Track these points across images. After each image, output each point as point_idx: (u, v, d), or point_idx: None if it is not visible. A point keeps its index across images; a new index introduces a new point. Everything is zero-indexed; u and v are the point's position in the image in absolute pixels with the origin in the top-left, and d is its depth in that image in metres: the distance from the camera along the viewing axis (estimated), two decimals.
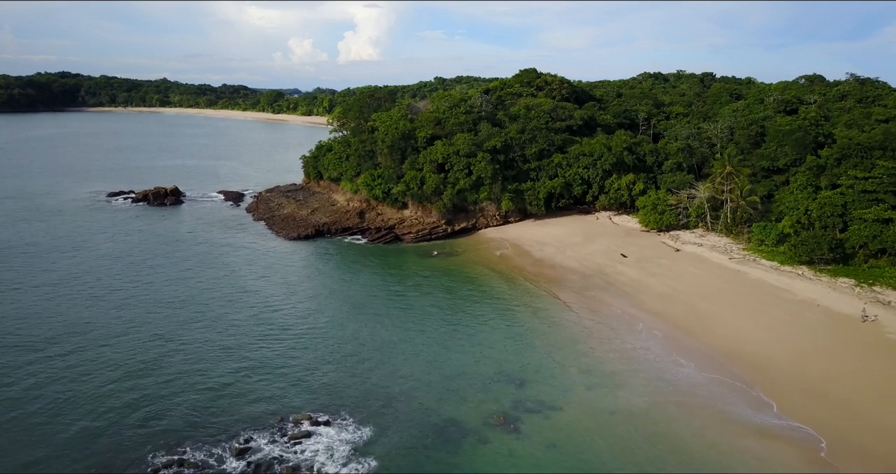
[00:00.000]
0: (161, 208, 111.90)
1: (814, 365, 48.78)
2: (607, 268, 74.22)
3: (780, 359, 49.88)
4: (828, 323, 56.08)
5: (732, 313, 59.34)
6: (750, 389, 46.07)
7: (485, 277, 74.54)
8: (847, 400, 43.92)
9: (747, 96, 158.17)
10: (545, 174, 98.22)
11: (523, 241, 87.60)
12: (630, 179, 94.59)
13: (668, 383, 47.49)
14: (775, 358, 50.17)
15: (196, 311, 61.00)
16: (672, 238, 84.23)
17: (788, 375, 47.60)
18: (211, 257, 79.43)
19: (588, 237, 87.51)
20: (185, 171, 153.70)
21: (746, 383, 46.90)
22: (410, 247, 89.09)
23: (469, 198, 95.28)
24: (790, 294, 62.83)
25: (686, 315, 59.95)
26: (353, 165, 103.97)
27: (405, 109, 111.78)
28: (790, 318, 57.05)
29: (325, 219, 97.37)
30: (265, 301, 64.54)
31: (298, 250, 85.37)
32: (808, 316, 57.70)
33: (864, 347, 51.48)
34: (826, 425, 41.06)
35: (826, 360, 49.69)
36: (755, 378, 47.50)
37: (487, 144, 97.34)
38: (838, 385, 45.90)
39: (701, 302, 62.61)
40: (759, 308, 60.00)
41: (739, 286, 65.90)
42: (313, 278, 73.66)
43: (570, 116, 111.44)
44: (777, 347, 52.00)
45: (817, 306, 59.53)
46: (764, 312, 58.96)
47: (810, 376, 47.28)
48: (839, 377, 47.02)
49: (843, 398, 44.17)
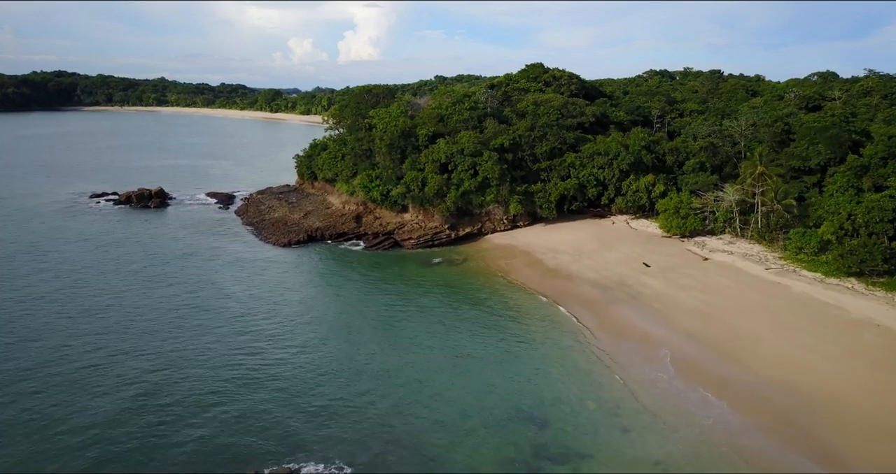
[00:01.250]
0: (144, 211, 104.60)
1: (892, 405, 41.22)
2: (629, 280, 66.82)
3: (845, 396, 42.33)
4: (894, 346, 48.63)
5: (778, 334, 51.90)
6: (812, 439, 38.64)
7: (492, 290, 67.18)
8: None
9: (763, 93, 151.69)
10: (557, 175, 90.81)
11: (534, 248, 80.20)
12: (649, 180, 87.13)
13: (713, 426, 40.07)
14: (839, 394, 42.63)
15: (168, 337, 53.61)
16: (698, 245, 76.82)
17: (862, 420, 39.93)
18: (191, 269, 71.94)
19: (605, 243, 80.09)
20: (174, 171, 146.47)
21: (808, 430, 39.46)
22: (411, 253, 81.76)
23: (474, 201, 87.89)
24: (842, 311, 55.37)
25: (724, 335, 52.50)
26: (349, 165, 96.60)
27: (405, 106, 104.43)
28: (848, 341, 49.55)
29: (318, 224, 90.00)
30: (247, 321, 57.14)
31: (288, 259, 77.96)
32: (869, 338, 50.22)
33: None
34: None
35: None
36: (818, 421, 40.04)
37: (494, 143, 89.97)
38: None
39: (740, 319, 55.19)
40: (809, 328, 52.56)
41: (782, 301, 58.46)
42: (303, 292, 66.22)
43: (582, 113, 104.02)
44: (838, 378, 44.55)
45: (877, 326, 52.06)
46: (815, 333, 51.53)
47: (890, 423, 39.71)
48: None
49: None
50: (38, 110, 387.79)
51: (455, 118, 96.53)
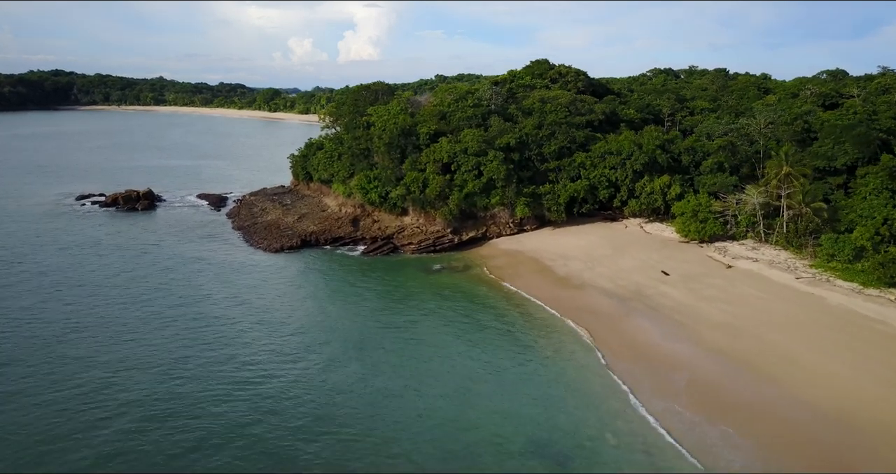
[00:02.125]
0: (131, 214, 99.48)
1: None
2: (648, 289, 61.71)
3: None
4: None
5: (817, 352, 46.81)
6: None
7: (498, 301, 62.08)
8: None
9: (775, 90, 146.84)
10: (566, 175, 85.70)
11: (543, 254, 75.09)
12: (665, 181, 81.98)
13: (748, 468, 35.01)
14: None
15: (144, 355, 48.53)
16: (719, 251, 71.68)
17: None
18: (173, 279, 66.67)
19: (618, 249, 74.98)
20: (167, 172, 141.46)
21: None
22: (411, 259, 76.67)
23: (479, 204, 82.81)
24: (888, 326, 50.25)
25: (756, 353, 47.36)
26: (346, 166, 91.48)
27: (405, 103, 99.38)
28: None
29: (312, 228, 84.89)
30: (230, 339, 52.03)
31: (279, 266, 72.81)
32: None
33: None
34: None
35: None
36: (869, 459, 34.95)
37: (499, 141, 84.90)
38: None
39: (772, 334, 50.06)
40: (852, 345, 47.46)
41: (818, 314, 53.36)
42: (292, 304, 61.00)
43: (591, 110, 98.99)
44: (893, 406, 39.49)
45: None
46: (859, 351, 46.43)
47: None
48: None
49: None
50: (34, 109, 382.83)
51: (458, 116, 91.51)
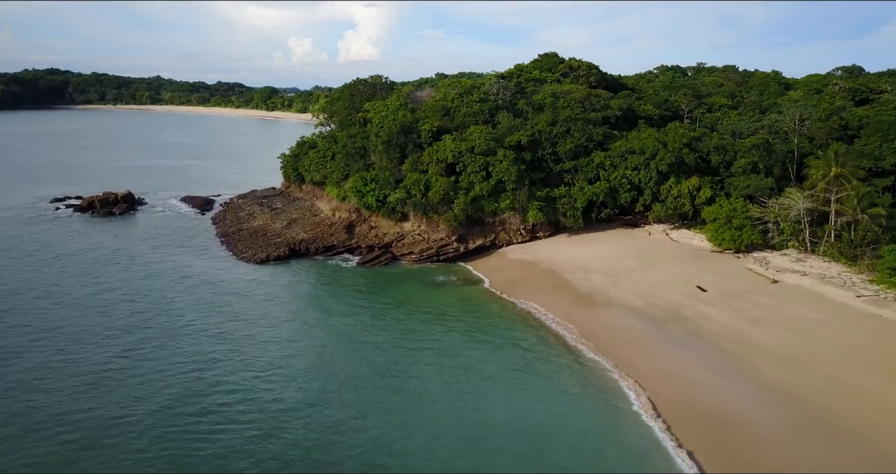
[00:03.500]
0: (107, 219, 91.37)
1: None
2: (685, 309, 53.46)
3: None
4: None
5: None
6: None
7: (512, 323, 53.89)
8: None
9: (797, 86, 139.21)
10: (583, 177, 77.43)
11: (560, 265, 66.88)
12: (694, 184, 73.64)
13: None
14: None
15: (103, 387, 40.43)
16: (759, 263, 63.44)
17: None
18: (141, 296, 58.48)
19: (644, 260, 66.74)
20: (153, 172, 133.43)
21: None
22: (412, 270, 68.51)
23: (487, 208, 74.61)
24: None
25: (830, 396, 39.14)
26: (340, 166, 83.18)
27: (405, 98, 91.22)
28: None
29: (303, 235, 76.65)
30: (191, 374, 43.84)
31: (262, 279, 64.55)
32: None
33: None
34: None
35: None
36: None
37: (509, 139, 76.71)
38: None
39: (846, 370, 41.81)
40: None
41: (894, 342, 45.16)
42: (275, 327, 52.74)
43: (607, 106, 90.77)
44: None
45: None
46: None
47: None
48: None
49: None
50: (28, 108, 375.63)
51: (463, 111, 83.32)
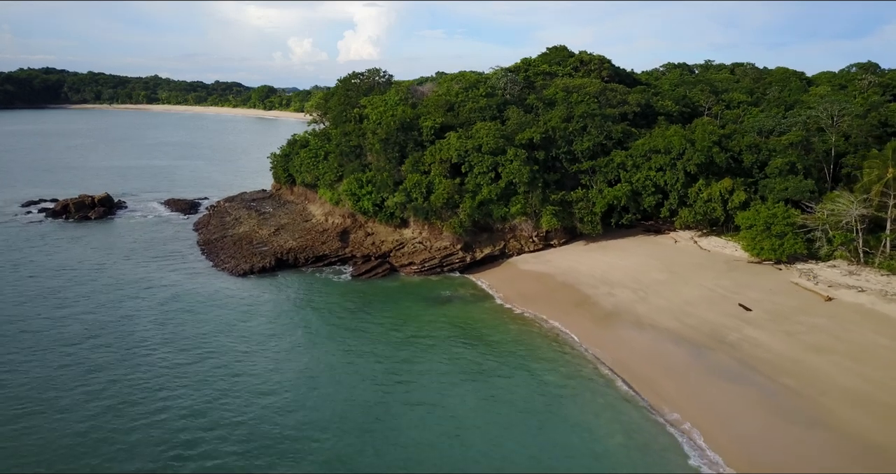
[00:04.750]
0: (81, 224, 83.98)
1: None
2: (729, 332, 46.09)
3: None
4: None
5: None
6: None
7: (530, 348, 46.50)
8: None
9: (819, 82, 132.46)
10: (601, 178, 70.10)
11: (579, 278, 59.51)
12: (726, 186, 66.17)
13: None
14: None
15: (46, 424, 33.12)
16: (804, 275, 56.05)
17: None
18: (103, 315, 51.19)
19: (674, 271, 59.38)
20: (139, 173, 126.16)
21: None
22: (413, 283, 61.17)
23: (496, 213, 67.30)
24: None
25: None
26: (333, 167, 75.77)
27: (405, 92, 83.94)
28: None
29: (291, 243, 69.26)
30: (152, 412, 36.55)
31: (243, 296, 57.07)
32: None
33: None
34: None
35: None
36: None
37: (520, 137, 69.43)
38: None
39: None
40: None
41: None
42: (251, 352, 45.29)
43: (624, 101, 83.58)
44: None
45: None
46: None
47: None
48: None
49: None
50: (22, 108, 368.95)
51: (468, 106, 76.08)
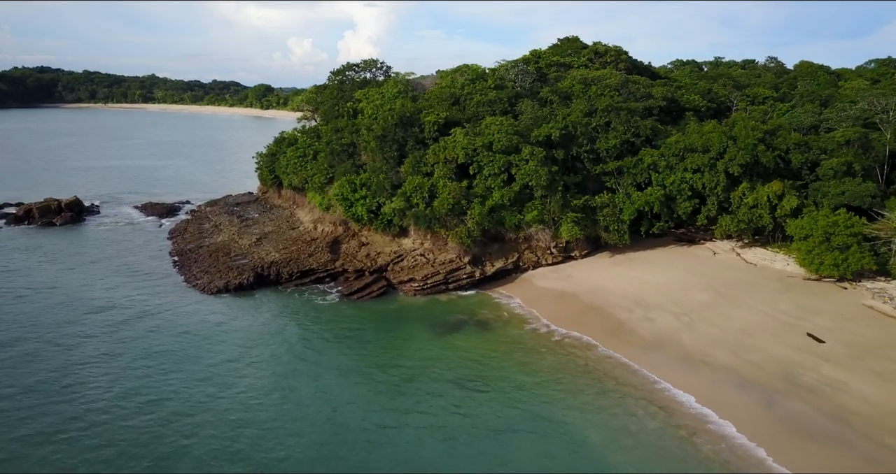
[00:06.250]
0: (44, 231, 75.27)
1: None
2: (804, 372, 37.34)
3: None
4: None
5: None
6: None
7: (561, 391, 37.72)
8: None
9: (847, 76, 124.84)
10: (630, 181, 61.40)
11: (608, 297, 50.75)
12: (775, 190, 57.38)
13: None
14: None
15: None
16: (879, 297, 47.30)
17: None
18: (41, 342, 42.62)
19: (719, 290, 50.59)
20: (120, 174, 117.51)
21: None
22: (414, 306, 52.37)
23: (508, 221, 58.55)
24: None
25: None
26: (323, 168, 66.94)
27: (405, 84, 75.22)
28: None
29: (274, 255, 60.42)
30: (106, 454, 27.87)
31: (213, 320, 48.19)
32: None
33: None
34: None
35: None
36: None
37: (536, 133, 60.79)
38: None
39: None
40: None
41: None
42: (204, 403, 36.38)
43: (649, 95, 74.92)
44: None
45: None
46: None
47: None
48: None
49: None
50: (14, 107, 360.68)
51: (476, 99, 67.39)
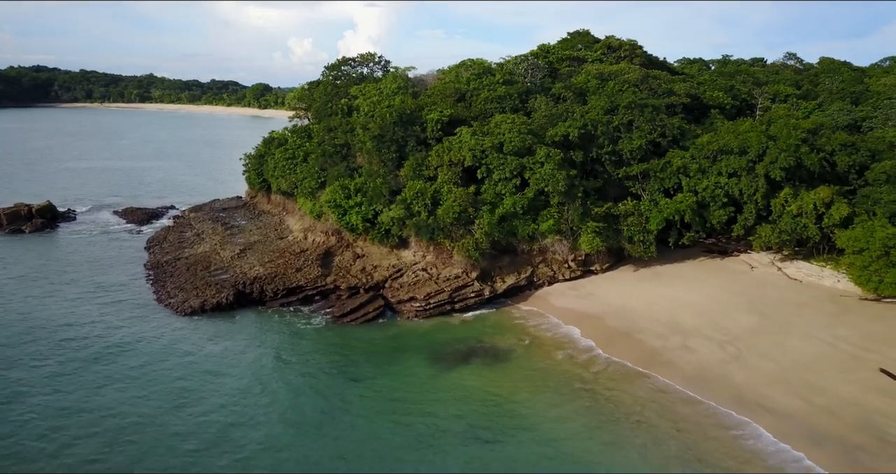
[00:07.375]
0: (10, 239, 68.86)
1: None
2: (889, 423, 30.87)
3: None
4: None
5: None
6: None
7: (603, 445, 31.24)
8: None
9: (870, 73, 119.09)
10: (657, 187, 54.87)
11: (636, 320, 44.27)
12: (823, 197, 50.84)
13: None
14: None
15: None
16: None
17: None
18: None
19: (765, 312, 44.08)
20: (103, 176, 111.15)
21: None
22: (415, 331, 45.82)
23: (521, 232, 52.01)
24: None
25: None
26: (314, 171, 60.37)
27: (405, 80, 68.80)
28: None
29: (258, 269, 53.86)
30: None
31: (183, 350, 41.59)
32: None
33: None
34: None
35: None
36: None
37: (552, 133, 54.32)
38: None
39: None
40: None
41: None
42: (187, 436, 30.07)
43: (671, 91, 68.59)
44: None
45: None
46: None
47: None
48: None
49: None
50: (10, 106, 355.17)
51: (484, 95, 60.99)
